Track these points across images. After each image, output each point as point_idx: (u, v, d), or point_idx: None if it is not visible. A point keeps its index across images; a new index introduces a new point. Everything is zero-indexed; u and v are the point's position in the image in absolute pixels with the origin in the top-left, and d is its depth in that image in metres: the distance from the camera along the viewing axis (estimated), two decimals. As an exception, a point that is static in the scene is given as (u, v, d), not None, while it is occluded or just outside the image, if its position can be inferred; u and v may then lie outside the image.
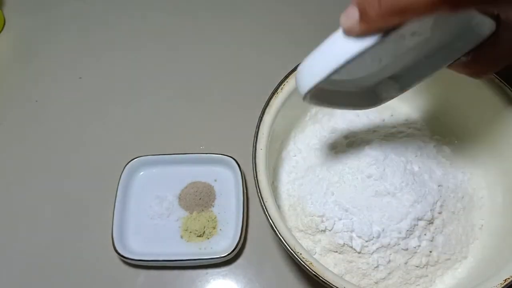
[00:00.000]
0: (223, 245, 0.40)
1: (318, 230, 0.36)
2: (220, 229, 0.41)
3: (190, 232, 0.40)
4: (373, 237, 0.35)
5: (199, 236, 0.40)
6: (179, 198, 0.42)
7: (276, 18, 0.54)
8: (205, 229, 0.40)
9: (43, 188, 0.44)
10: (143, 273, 0.40)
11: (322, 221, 0.36)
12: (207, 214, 0.41)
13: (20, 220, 0.43)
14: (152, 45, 0.53)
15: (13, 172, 0.45)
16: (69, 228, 0.42)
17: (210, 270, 0.40)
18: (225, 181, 0.43)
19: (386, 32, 0.24)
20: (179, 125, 0.47)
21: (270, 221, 0.32)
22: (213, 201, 0.42)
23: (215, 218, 0.41)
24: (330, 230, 0.36)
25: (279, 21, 0.54)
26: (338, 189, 0.37)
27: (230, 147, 0.45)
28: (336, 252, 0.36)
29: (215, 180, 0.43)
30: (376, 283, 0.36)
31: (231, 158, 0.42)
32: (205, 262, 0.39)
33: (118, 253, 0.39)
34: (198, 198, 0.42)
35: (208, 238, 0.41)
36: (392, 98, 0.34)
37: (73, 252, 0.41)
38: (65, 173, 0.45)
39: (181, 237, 0.41)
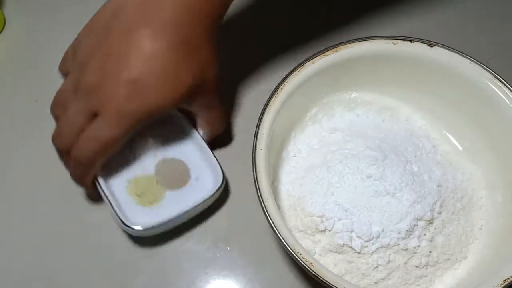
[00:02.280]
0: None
1: (318, 230, 0.36)
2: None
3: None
4: (373, 237, 0.35)
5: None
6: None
7: (276, 18, 0.54)
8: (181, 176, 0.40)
9: (42, 189, 0.44)
10: (143, 272, 0.40)
11: (322, 221, 0.36)
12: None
13: (19, 220, 0.43)
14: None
15: (12, 172, 0.45)
16: (68, 227, 0.42)
17: (210, 270, 0.40)
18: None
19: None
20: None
21: (270, 221, 0.32)
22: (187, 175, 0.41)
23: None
24: (330, 230, 0.36)
25: (279, 21, 0.54)
26: (338, 189, 0.37)
27: (230, 146, 0.45)
28: (336, 252, 0.36)
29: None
30: (376, 283, 0.36)
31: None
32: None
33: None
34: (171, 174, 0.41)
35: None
36: None
37: (72, 250, 0.41)
38: (65, 173, 0.45)
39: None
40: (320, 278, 0.31)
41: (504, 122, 0.37)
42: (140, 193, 0.39)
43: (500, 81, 0.37)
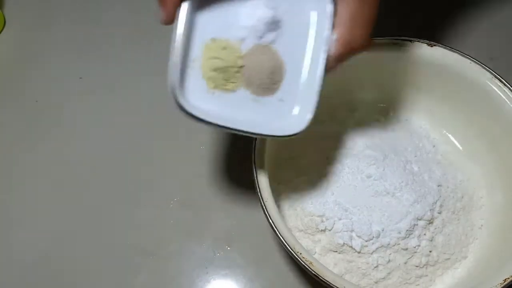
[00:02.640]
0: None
1: (318, 230, 0.36)
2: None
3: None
4: (373, 236, 0.35)
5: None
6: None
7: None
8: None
9: (42, 188, 0.44)
10: (143, 272, 0.40)
11: (322, 221, 0.36)
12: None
13: (18, 220, 0.43)
14: (152, 44, 0.53)
15: (12, 172, 0.45)
16: (68, 228, 0.42)
17: (210, 270, 0.40)
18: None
19: None
20: (179, 124, 0.47)
21: (270, 221, 0.32)
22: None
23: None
24: (330, 230, 0.36)
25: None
26: (338, 189, 0.37)
27: (231, 147, 0.45)
28: (336, 252, 0.36)
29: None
30: (376, 282, 0.36)
31: None
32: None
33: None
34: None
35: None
36: None
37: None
38: (65, 174, 0.45)
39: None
40: (320, 277, 0.30)
41: (504, 122, 0.37)
42: (214, 67, 0.28)
43: (500, 81, 0.37)
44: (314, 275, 0.31)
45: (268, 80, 0.29)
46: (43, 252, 0.41)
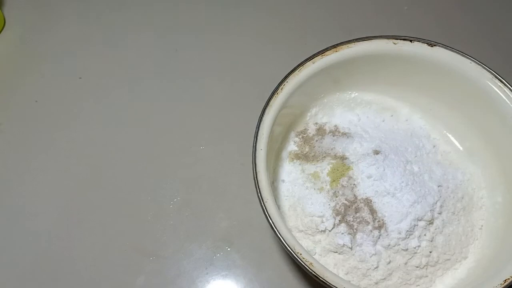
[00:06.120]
0: None
1: (318, 230, 0.36)
2: None
3: None
4: (373, 237, 0.35)
5: None
6: None
7: (277, 19, 0.54)
8: None
9: (41, 189, 0.44)
10: (143, 273, 0.40)
11: (322, 221, 0.36)
12: None
13: (16, 224, 0.43)
14: (152, 45, 0.53)
15: (12, 172, 0.45)
16: (68, 228, 0.42)
17: (210, 270, 0.40)
18: None
19: None
20: (179, 125, 0.47)
21: (270, 221, 0.32)
22: None
23: None
24: (330, 231, 0.36)
25: (280, 21, 0.54)
26: (338, 189, 0.37)
27: (231, 147, 0.45)
28: (336, 252, 0.36)
29: None
30: (376, 283, 0.36)
31: None
32: None
33: None
34: None
35: None
36: None
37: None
38: (64, 174, 0.45)
39: None
40: (320, 278, 0.30)
41: (504, 122, 0.37)
42: None
43: (500, 81, 0.37)
44: (314, 275, 0.30)
45: None
46: (43, 252, 0.41)
